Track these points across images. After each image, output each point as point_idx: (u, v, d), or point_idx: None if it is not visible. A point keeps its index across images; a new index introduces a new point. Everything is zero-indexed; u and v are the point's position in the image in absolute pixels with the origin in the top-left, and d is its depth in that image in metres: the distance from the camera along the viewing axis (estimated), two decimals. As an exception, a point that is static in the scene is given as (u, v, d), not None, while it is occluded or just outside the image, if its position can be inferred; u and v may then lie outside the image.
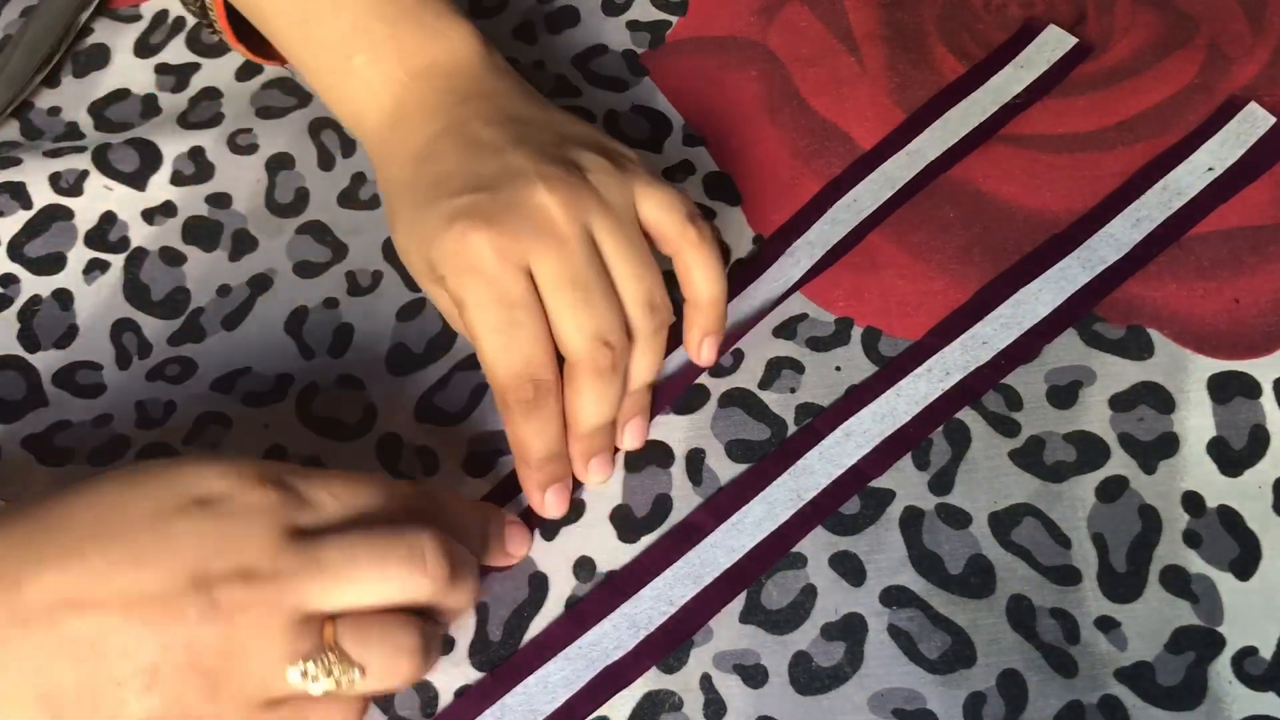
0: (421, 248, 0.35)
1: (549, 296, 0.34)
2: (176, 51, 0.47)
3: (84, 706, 0.28)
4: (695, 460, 0.38)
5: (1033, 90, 0.44)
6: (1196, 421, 0.37)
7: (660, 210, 0.36)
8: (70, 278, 0.42)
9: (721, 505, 0.37)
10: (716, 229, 0.37)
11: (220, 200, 0.43)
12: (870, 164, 0.43)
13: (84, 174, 0.43)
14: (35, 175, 0.43)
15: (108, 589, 0.28)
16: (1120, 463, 0.37)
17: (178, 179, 0.44)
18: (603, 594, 0.36)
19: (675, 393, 0.39)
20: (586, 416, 0.35)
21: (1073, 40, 0.44)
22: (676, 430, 0.38)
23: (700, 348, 0.38)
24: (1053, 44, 0.44)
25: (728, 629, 0.35)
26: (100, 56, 0.47)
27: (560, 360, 0.35)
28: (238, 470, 0.30)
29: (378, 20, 0.38)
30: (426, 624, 0.31)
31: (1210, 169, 0.42)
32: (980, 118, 0.43)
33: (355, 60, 0.38)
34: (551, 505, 0.36)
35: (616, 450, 0.38)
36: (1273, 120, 0.42)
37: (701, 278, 0.36)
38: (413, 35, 0.38)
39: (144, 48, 0.47)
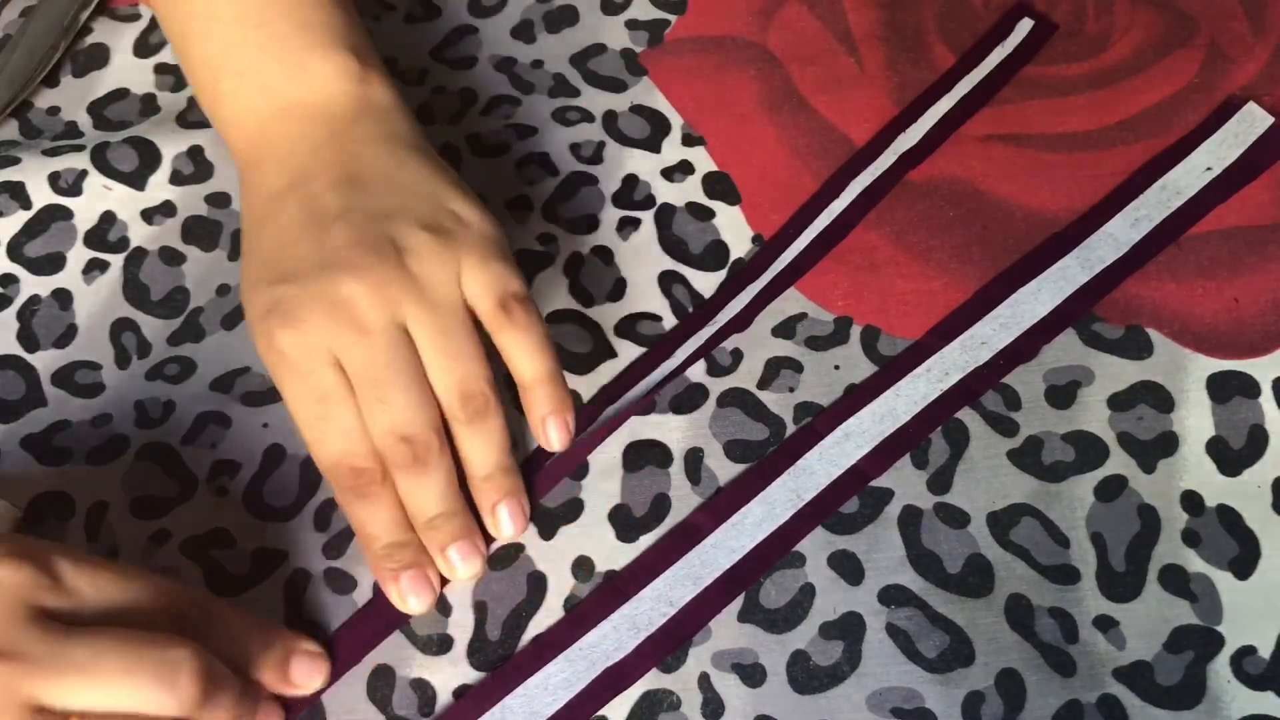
0: (249, 318, 0.35)
1: (356, 391, 0.33)
2: (176, 51, 0.47)
3: None
4: (694, 460, 0.38)
5: (1004, 70, 0.44)
6: (1195, 421, 0.37)
7: (477, 290, 0.35)
8: (70, 277, 0.42)
9: (721, 506, 0.37)
10: (534, 308, 0.36)
11: (219, 200, 0.43)
12: (865, 160, 0.43)
13: (83, 174, 0.43)
14: (34, 175, 0.43)
15: None
16: (1119, 462, 0.37)
17: (177, 178, 0.44)
18: (603, 595, 0.36)
19: (674, 393, 0.39)
20: (417, 507, 0.35)
21: (1030, 24, 0.46)
22: (675, 430, 0.38)
23: (545, 430, 0.36)
24: (1024, 29, 0.46)
25: (726, 628, 0.35)
26: (100, 56, 0.47)
27: None
28: None
29: (244, 49, 0.36)
30: None
31: (1209, 169, 0.42)
32: (952, 104, 0.44)
33: (222, 85, 0.37)
34: (409, 592, 0.35)
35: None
36: (1271, 120, 0.42)
37: (521, 360, 0.35)
38: (278, 68, 0.36)
39: (143, 47, 0.47)
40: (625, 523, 0.37)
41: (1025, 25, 0.45)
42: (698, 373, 0.39)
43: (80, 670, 0.27)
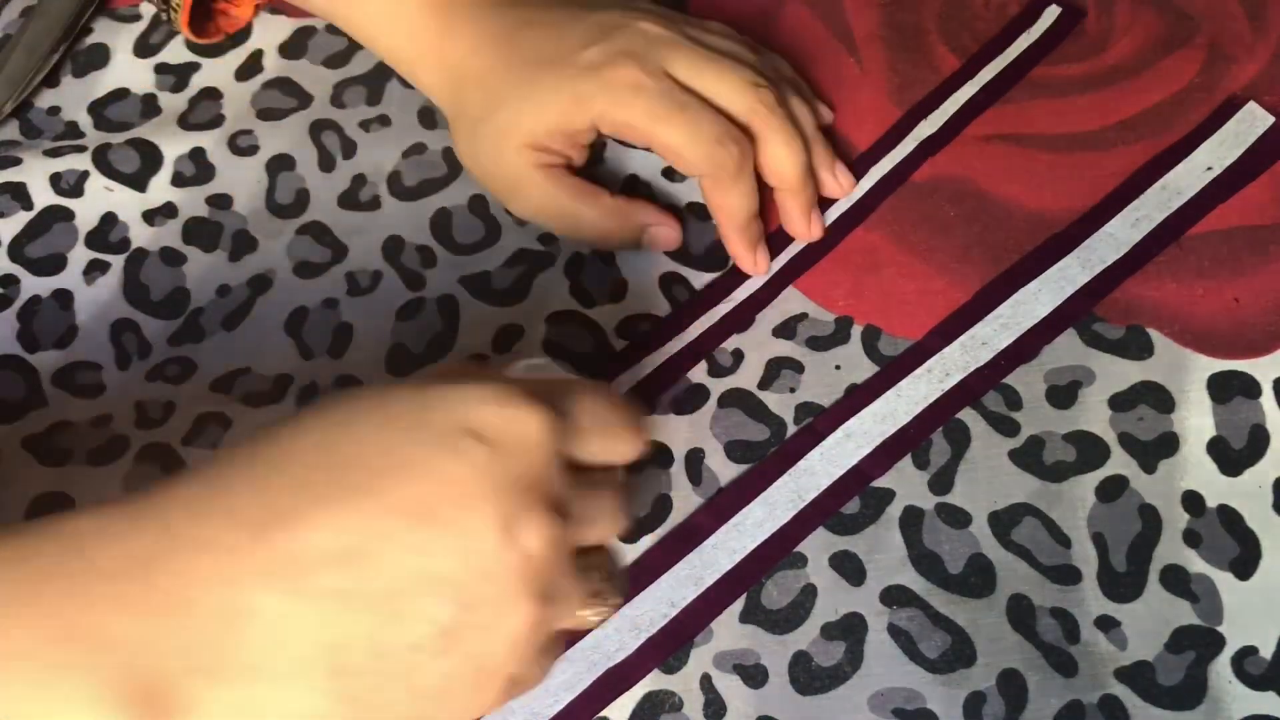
0: (556, 104, 0.38)
1: (697, 81, 0.39)
2: (176, 51, 0.47)
3: (372, 677, 0.25)
4: (694, 460, 0.38)
5: (1021, 63, 0.45)
6: (1196, 421, 0.37)
7: (731, 44, 0.41)
8: (70, 278, 0.42)
9: (722, 506, 0.37)
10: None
11: (221, 201, 0.43)
12: (867, 164, 0.43)
13: (84, 175, 0.43)
14: (36, 176, 0.43)
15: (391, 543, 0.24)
16: (1120, 462, 0.37)
17: (178, 180, 0.44)
18: (603, 594, 0.36)
19: (670, 385, 0.39)
20: (785, 161, 0.39)
21: (1057, 10, 0.46)
22: (676, 430, 0.38)
23: (834, 175, 0.42)
24: (1048, 18, 0.46)
25: (728, 629, 0.35)
26: (100, 56, 0.47)
27: None
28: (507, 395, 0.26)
29: None
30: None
31: (1209, 168, 0.42)
32: (975, 90, 0.44)
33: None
34: (763, 262, 0.41)
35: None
36: (1271, 120, 0.42)
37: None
38: None
39: (144, 47, 0.47)
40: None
41: (1052, 12, 0.45)
42: (698, 373, 0.39)
43: (597, 522, 0.29)
